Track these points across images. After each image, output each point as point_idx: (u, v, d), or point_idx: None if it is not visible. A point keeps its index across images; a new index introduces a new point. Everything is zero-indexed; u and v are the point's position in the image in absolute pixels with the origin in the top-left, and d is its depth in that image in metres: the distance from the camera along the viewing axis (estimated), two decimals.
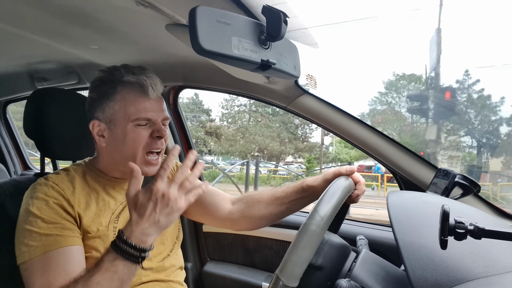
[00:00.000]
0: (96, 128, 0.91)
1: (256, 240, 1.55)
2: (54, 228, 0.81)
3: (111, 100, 0.89)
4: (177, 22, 0.92)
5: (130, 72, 0.90)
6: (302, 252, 0.65)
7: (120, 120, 0.88)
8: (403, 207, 0.79)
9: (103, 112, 0.90)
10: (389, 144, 1.25)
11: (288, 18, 0.72)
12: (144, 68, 0.93)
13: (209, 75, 1.42)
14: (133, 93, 0.89)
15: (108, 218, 0.91)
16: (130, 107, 0.88)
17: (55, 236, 0.80)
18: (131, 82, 0.88)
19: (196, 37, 0.62)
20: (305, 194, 0.97)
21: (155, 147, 0.91)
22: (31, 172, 2.36)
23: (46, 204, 0.83)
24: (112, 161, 0.94)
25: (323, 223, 0.68)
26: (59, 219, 0.82)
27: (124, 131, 0.88)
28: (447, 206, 0.52)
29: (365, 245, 1.03)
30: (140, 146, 0.89)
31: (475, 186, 1.08)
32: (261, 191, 1.02)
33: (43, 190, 0.85)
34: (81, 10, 0.93)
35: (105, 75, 0.92)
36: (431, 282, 0.58)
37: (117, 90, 0.89)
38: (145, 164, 0.90)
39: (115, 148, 0.91)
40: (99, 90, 0.91)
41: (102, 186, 0.94)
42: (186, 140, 1.75)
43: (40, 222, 0.80)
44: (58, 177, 0.89)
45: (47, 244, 0.78)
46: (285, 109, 1.37)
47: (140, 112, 0.88)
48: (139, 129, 0.88)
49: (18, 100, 2.15)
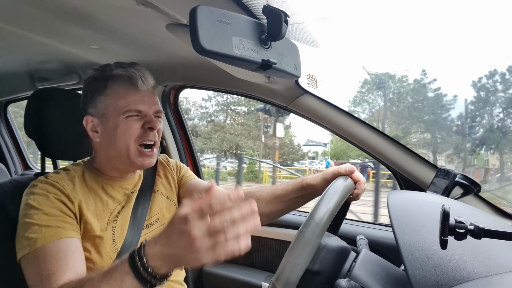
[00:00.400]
0: (89, 123, 0.93)
1: (256, 240, 1.55)
2: (54, 220, 0.81)
3: (102, 95, 0.91)
4: (177, 22, 0.92)
5: (120, 66, 0.92)
6: (298, 260, 0.63)
7: (112, 113, 0.90)
8: (403, 207, 0.79)
9: (95, 107, 0.92)
10: (389, 143, 1.25)
11: (288, 17, 0.72)
12: (135, 63, 0.95)
13: (210, 75, 1.42)
14: (123, 86, 0.91)
15: (107, 218, 0.91)
16: (120, 100, 0.90)
17: (56, 228, 0.80)
18: (120, 75, 0.91)
19: (197, 36, 0.62)
20: (305, 193, 0.96)
21: (147, 139, 0.92)
22: (32, 171, 2.37)
23: (47, 199, 0.83)
24: (108, 157, 0.95)
25: (319, 230, 0.67)
26: (59, 213, 0.82)
27: (116, 123, 0.89)
28: (447, 206, 0.52)
29: (365, 245, 1.03)
30: (132, 138, 0.90)
31: (475, 186, 1.08)
32: (261, 189, 1.02)
33: (43, 186, 0.85)
34: (81, 10, 0.93)
35: (97, 72, 0.94)
36: (431, 282, 0.58)
37: (107, 84, 0.91)
38: (139, 155, 0.91)
39: (108, 142, 0.92)
40: (91, 86, 0.93)
41: (101, 186, 0.94)
42: (186, 140, 1.75)
43: (41, 214, 0.80)
44: (58, 176, 0.90)
45: (47, 235, 0.78)
46: (286, 108, 1.37)
47: (130, 104, 0.90)
48: (130, 121, 0.90)
49: (19, 100, 2.15)
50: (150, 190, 1.04)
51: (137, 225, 0.96)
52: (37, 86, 1.69)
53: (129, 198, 0.98)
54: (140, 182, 1.02)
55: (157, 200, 1.04)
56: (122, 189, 0.98)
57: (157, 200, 1.04)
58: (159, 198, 1.05)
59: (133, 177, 1.02)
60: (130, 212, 0.96)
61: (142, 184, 1.03)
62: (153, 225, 1.01)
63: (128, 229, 0.94)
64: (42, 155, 1.09)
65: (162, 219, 1.03)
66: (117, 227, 0.92)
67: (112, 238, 0.90)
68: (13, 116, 2.42)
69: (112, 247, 0.89)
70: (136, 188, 1.01)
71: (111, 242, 0.90)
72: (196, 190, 1.09)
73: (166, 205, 1.06)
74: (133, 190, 1.00)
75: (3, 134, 2.29)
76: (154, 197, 1.04)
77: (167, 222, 0.59)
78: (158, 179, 1.08)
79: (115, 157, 0.93)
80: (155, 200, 1.03)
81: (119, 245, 0.91)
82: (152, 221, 1.01)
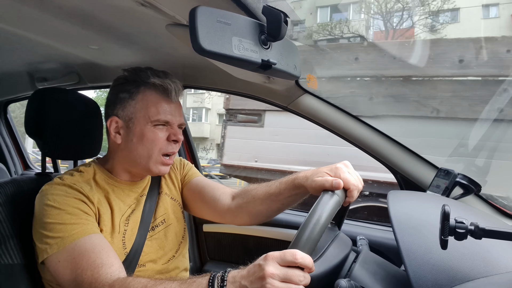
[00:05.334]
0: (113, 124, 0.93)
1: (256, 240, 1.55)
2: (77, 218, 0.81)
3: (133, 99, 0.92)
4: (177, 22, 0.92)
5: (156, 75, 0.93)
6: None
7: (140, 119, 0.91)
8: (404, 207, 0.79)
9: (124, 110, 0.92)
10: (389, 143, 1.25)
11: (288, 18, 0.72)
12: (168, 73, 0.96)
13: (209, 75, 1.42)
14: (156, 95, 0.92)
15: (118, 221, 0.92)
16: (151, 108, 0.90)
17: (81, 225, 0.80)
18: (156, 85, 0.91)
19: (197, 37, 0.62)
20: (298, 192, 0.92)
21: (170, 151, 0.94)
22: (32, 172, 2.37)
23: (67, 199, 0.83)
24: (124, 160, 0.95)
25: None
26: (81, 213, 0.83)
27: (143, 130, 0.90)
28: (448, 206, 0.52)
29: (365, 245, 1.03)
30: (157, 148, 0.91)
31: (475, 186, 1.08)
32: (257, 187, 0.99)
33: (62, 188, 0.85)
34: (81, 10, 0.93)
35: (130, 74, 0.94)
36: (431, 282, 0.58)
37: (140, 90, 0.92)
38: (160, 164, 0.93)
39: (130, 146, 0.92)
40: (123, 88, 0.93)
41: (112, 189, 0.94)
42: (186, 140, 1.75)
43: (64, 214, 0.81)
44: (74, 178, 0.90)
45: (74, 233, 0.79)
46: (286, 108, 1.37)
47: (160, 114, 0.91)
48: (157, 130, 0.91)
49: (19, 100, 2.15)
50: (156, 192, 1.04)
51: (144, 228, 0.96)
52: (37, 86, 1.69)
53: (139, 201, 0.98)
54: (148, 186, 1.03)
55: (162, 201, 1.04)
56: (132, 193, 0.98)
57: (163, 201, 1.04)
58: (164, 199, 1.05)
59: (142, 181, 1.02)
60: (140, 215, 0.96)
61: (150, 187, 1.03)
62: (159, 226, 1.01)
63: (137, 232, 0.94)
64: (43, 155, 1.09)
65: (168, 220, 1.04)
66: (128, 230, 0.92)
67: (122, 241, 0.91)
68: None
69: (122, 250, 0.90)
70: (145, 191, 1.01)
71: (121, 245, 0.90)
72: (198, 189, 1.08)
73: (171, 206, 1.06)
74: (142, 193, 1.00)
75: (3, 134, 2.29)
76: (160, 198, 1.04)
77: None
78: (162, 179, 1.08)
79: (132, 161, 0.93)
80: (160, 201, 1.04)
81: (129, 247, 0.91)
82: (158, 223, 1.01)
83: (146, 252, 0.95)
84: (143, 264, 0.94)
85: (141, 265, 0.93)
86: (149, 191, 1.02)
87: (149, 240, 0.96)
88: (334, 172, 0.80)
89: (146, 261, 0.95)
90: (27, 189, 0.97)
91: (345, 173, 0.78)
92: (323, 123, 1.31)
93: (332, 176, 0.79)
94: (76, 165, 1.09)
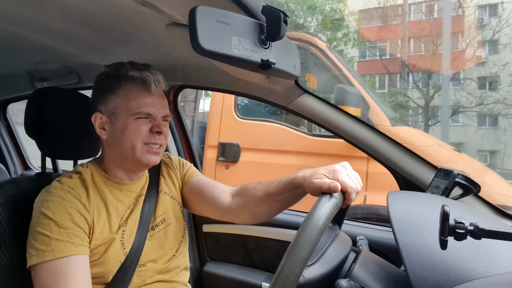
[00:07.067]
0: (98, 120, 0.94)
1: (256, 240, 1.55)
2: (65, 233, 0.81)
3: (114, 94, 0.92)
4: (177, 22, 0.92)
5: (135, 68, 0.93)
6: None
7: (122, 113, 0.91)
8: (403, 207, 0.79)
9: (106, 105, 0.93)
10: (389, 144, 1.25)
11: (288, 18, 0.72)
12: (149, 65, 0.96)
13: (209, 75, 1.41)
14: (136, 88, 0.92)
15: (117, 222, 0.92)
16: (132, 101, 0.91)
17: (65, 243, 0.80)
18: (135, 77, 0.91)
19: (196, 37, 0.62)
20: (297, 192, 0.90)
21: (153, 142, 0.93)
22: (31, 172, 2.37)
23: (62, 208, 0.83)
24: (114, 156, 0.95)
25: (290, 284, 0.60)
26: (72, 225, 0.83)
27: (125, 123, 0.90)
28: (447, 207, 0.52)
29: (365, 245, 1.03)
30: (139, 139, 0.91)
31: (475, 186, 1.08)
32: (256, 186, 0.98)
33: (58, 193, 0.85)
34: (81, 10, 0.93)
35: (110, 70, 0.95)
36: (431, 282, 0.58)
37: (120, 84, 0.92)
38: (147, 153, 0.92)
39: (115, 140, 0.92)
40: (104, 84, 0.94)
41: (110, 190, 0.94)
42: (186, 140, 1.75)
43: (53, 225, 0.81)
44: (72, 181, 0.90)
45: (56, 250, 0.79)
46: (285, 108, 1.37)
47: (141, 107, 0.91)
48: (139, 123, 0.91)
49: (18, 100, 2.15)
50: (155, 191, 1.04)
51: (143, 228, 0.96)
52: (36, 86, 1.69)
53: (137, 201, 0.98)
54: (147, 185, 1.03)
55: (162, 200, 1.04)
56: (130, 193, 0.98)
57: (162, 200, 1.04)
58: (163, 198, 1.05)
59: (140, 180, 1.01)
60: (139, 215, 0.96)
61: (148, 186, 1.03)
62: (159, 226, 1.01)
63: (136, 232, 0.94)
64: (43, 155, 1.09)
65: (167, 220, 1.03)
66: (126, 231, 0.92)
67: (121, 241, 0.91)
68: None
69: (121, 250, 0.90)
70: (144, 191, 1.01)
71: (120, 246, 0.90)
72: (198, 188, 1.08)
73: (170, 205, 1.06)
74: (140, 193, 1.00)
75: (2, 134, 2.29)
76: (159, 198, 1.04)
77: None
78: (161, 179, 1.08)
79: (120, 155, 0.93)
80: (160, 201, 1.03)
81: (128, 248, 0.91)
82: (158, 222, 1.01)
83: (147, 252, 0.95)
84: (144, 264, 0.94)
85: (141, 265, 0.93)
86: (148, 190, 1.01)
87: (149, 239, 0.96)
88: (332, 174, 0.77)
89: (146, 261, 0.95)
90: (27, 189, 0.97)
91: (342, 176, 0.75)
92: (322, 123, 1.31)
93: (330, 178, 0.76)
94: (76, 165, 1.09)
